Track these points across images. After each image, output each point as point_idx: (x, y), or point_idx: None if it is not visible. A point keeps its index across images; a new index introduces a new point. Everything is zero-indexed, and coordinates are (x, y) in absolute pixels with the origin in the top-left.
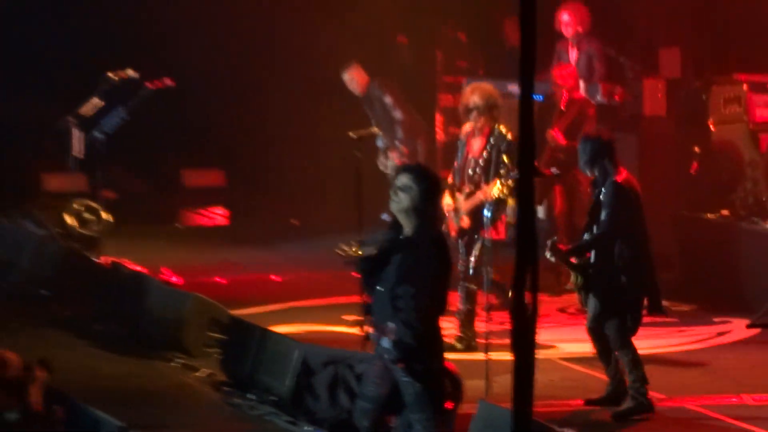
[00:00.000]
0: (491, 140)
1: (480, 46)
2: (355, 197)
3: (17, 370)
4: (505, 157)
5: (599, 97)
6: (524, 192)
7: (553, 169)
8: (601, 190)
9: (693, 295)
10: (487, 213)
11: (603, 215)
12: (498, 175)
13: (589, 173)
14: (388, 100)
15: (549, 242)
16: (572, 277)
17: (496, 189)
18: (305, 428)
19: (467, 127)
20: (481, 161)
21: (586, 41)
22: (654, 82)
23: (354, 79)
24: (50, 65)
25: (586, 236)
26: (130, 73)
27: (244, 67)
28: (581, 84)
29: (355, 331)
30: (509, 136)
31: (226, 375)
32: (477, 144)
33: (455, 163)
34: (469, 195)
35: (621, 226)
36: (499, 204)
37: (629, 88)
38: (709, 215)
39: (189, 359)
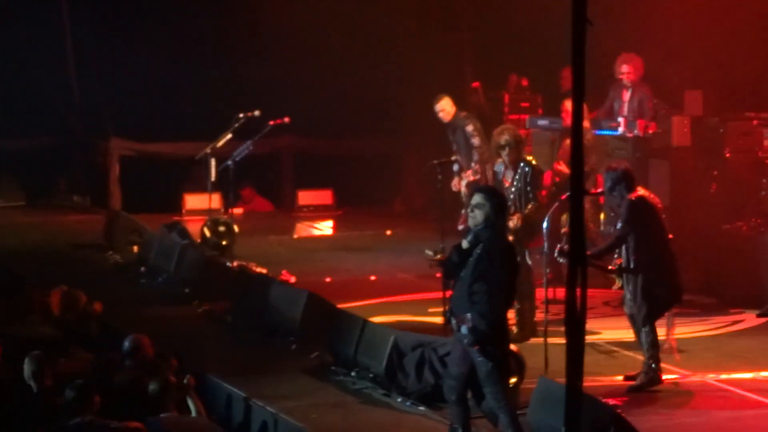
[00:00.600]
0: (518, 171)
1: (540, 90)
2: (438, 212)
3: (149, 349)
4: (530, 185)
5: (636, 131)
6: (574, 206)
7: (600, 190)
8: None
9: (713, 291)
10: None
11: (618, 226)
12: (521, 206)
13: (612, 196)
14: (469, 128)
15: (558, 246)
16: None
17: (513, 221)
18: (397, 399)
19: (499, 163)
20: (513, 190)
21: (640, 86)
22: (680, 118)
23: (444, 109)
24: (192, 106)
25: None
26: (257, 113)
27: (351, 105)
28: (622, 121)
29: (437, 320)
30: (533, 163)
31: (333, 357)
32: (510, 176)
33: None
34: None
35: (630, 232)
36: (527, 225)
37: (661, 123)
38: (726, 227)
39: (303, 344)
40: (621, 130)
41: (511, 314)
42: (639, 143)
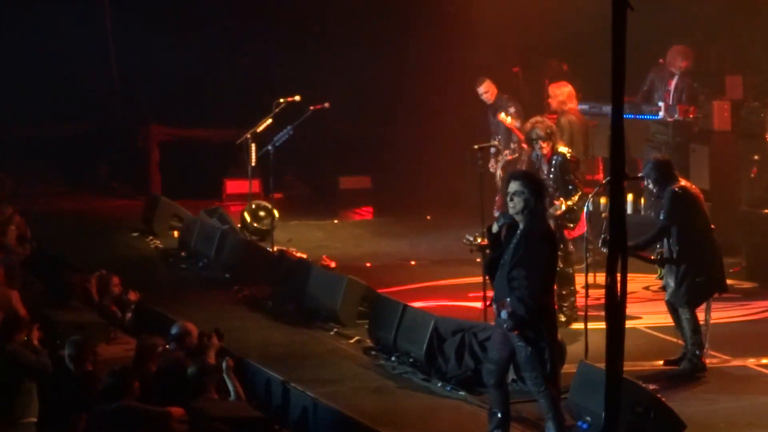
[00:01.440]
0: (553, 162)
1: (580, 74)
2: (478, 197)
3: (195, 338)
4: (567, 174)
5: (677, 116)
6: (615, 192)
7: (639, 174)
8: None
9: (754, 276)
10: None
11: (661, 216)
12: (563, 193)
13: (655, 188)
14: (512, 110)
15: (602, 237)
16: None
17: (558, 208)
18: (437, 384)
19: (536, 154)
20: (550, 181)
21: (687, 75)
22: (721, 103)
23: (488, 90)
24: (232, 92)
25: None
26: (297, 98)
27: (388, 92)
28: (663, 105)
29: (478, 305)
30: (567, 154)
31: (373, 341)
32: (545, 167)
33: None
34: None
35: (673, 224)
36: (570, 213)
37: (702, 108)
38: (766, 211)
39: (343, 329)
40: (662, 114)
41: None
42: (679, 128)
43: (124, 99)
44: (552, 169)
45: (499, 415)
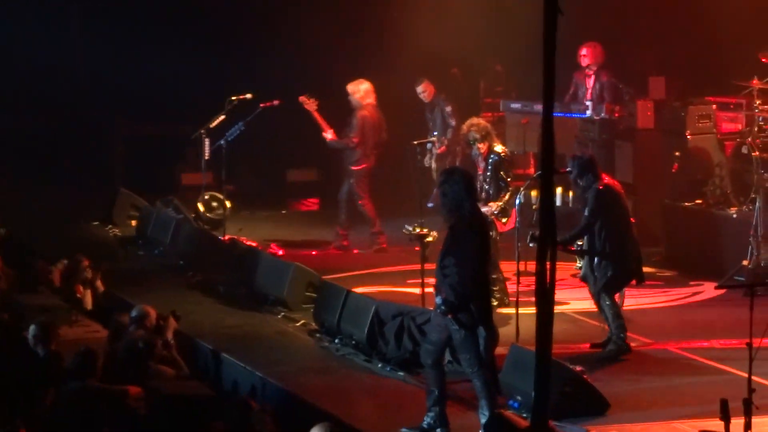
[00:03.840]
0: (489, 161)
1: (514, 75)
2: (416, 189)
3: (154, 320)
4: (501, 174)
5: (603, 114)
6: (545, 185)
7: (568, 169)
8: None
9: (674, 264)
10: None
11: (585, 212)
12: (496, 190)
13: (577, 184)
14: (448, 109)
15: (530, 233)
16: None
17: (494, 210)
18: (378, 365)
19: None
20: (486, 180)
21: (601, 73)
22: (645, 102)
23: (426, 90)
24: (189, 89)
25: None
26: (248, 96)
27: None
28: (590, 104)
29: (416, 291)
30: (502, 153)
31: (318, 324)
32: (482, 165)
33: None
34: (483, 202)
35: (597, 220)
36: (502, 210)
37: (626, 107)
38: (686, 204)
39: (290, 313)
40: (589, 112)
41: None
42: (605, 125)
43: (91, 94)
44: (489, 167)
45: (437, 392)
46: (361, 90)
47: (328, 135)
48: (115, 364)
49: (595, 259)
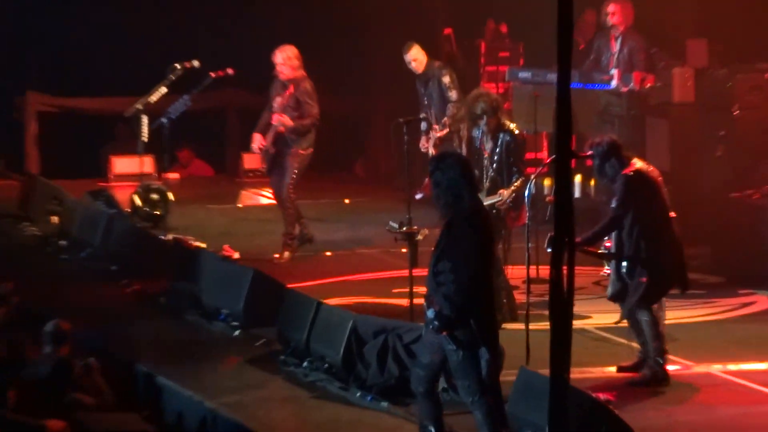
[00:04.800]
0: (498, 141)
1: (521, 37)
2: (404, 178)
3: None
4: (513, 156)
5: (632, 85)
6: (561, 173)
7: (589, 152)
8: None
9: (721, 269)
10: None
11: (612, 204)
12: (503, 181)
13: (603, 174)
14: (446, 80)
15: (549, 236)
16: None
17: (509, 197)
18: (356, 394)
19: (477, 128)
20: (494, 162)
21: (630, 35)
22: (682, 70)
23: (417, 58)
24: (121, 56)
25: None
26: (195, 63)
27: (302, 57)
28: (616, 73)
29: (403, 302)
30: (514, 132)
31: (282, 344)
32: (489, 145)
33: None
34: (489, 192)
35: (627, 213)
36: (516, 200)
37: (659, 76)
38: (734, 194)
39: (248, 329)
40: (614, 83)
41: None
42: (635, 99)
43: None
44: (497, 149)
45: (432, 429)
46: (294, 57)
47: (284, 118)
48: (30, 392)
49: (625, 264)
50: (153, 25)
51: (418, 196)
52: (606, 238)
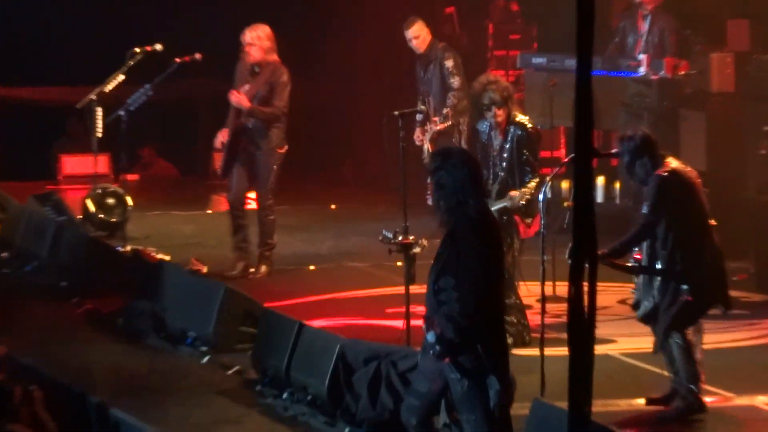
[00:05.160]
0: (509, 136)
1: (535, 18)
2: (399, 179)
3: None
4: (526, 153)
5: (663, 72)
6: (581, 174)
7: (613, 150)
8: None
9: (765, 286)
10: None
11: (643, 209)
12: (514, 182)
13: (633, 174)
14: (449, 64)
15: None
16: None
17: (523, 198)
18: (344, 430)
19: (483, 120)
20: (504, 161)
21: (660, 15)
22: (721, 56)
23: (419, 35)
24: (72, 39)
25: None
26: (158, 47)
27: (280, 40)
28: (645, 59)
29: (398, 324)
30: (527, 126)
31: (258, 372)
32: (498, 141)
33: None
34: (498, 196)
35: (660, 220)
36: (528, 204)
37: (695, 62)
38: None
39: (219, 355)
40: (643, 70)
41: None
42: (667, 88)
43: None
44: (507, 145)
45: None
46: (266, 37)
47: (242, 98)
48: None
49: (658, 279)
50: (109, 3)
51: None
52: (635, 248)
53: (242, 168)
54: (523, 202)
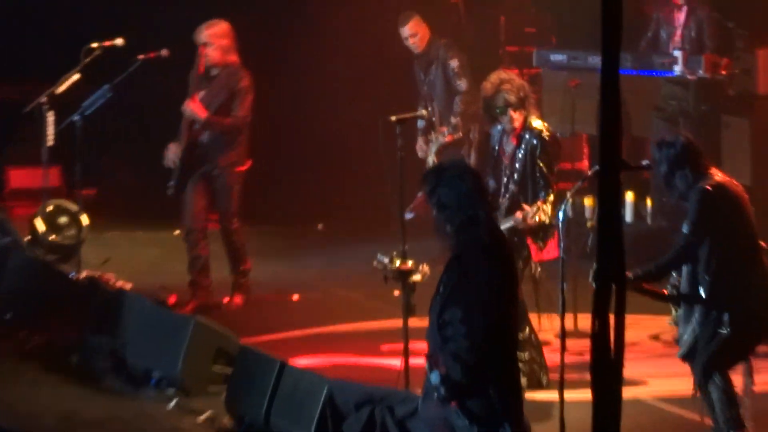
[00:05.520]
0: (523, 144)
1: (552, 7)
2: (396, 195)
3: None
4: (540, 164)
5: (702, 71)
6: (607, 190)
7: (645, 162)
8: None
9: None
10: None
11: (683, 228)
12: (536, 191)
13: (671, 187)
14: (454, 63)
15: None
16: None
17: (537, 215)
18: None
19: (497, 128)
20: (515, 172)
21: (699, 5)
22: None
23: (416, 32)
24: (20, 32)
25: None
26: (118, 41)
27: (257, 35)
28: (681, 56)
29: (396, 363)
30: (543, 133)
31: (233, 419)
32: (510, 148)
33: (488, 171)
34: (508, 211)
35: (703, 240)
36: (541, 224)
37: (738, 59)
38: None
39: (188, 399)
40: (679, 69)
41: None
42: (706, 90)
43: None
44: (520, 153)
45: None
46: (224, 35)
47: (197, 108)
48: None
49: (700, 308)
50: None
51: (408, 216)
52: (673, 273)
53: (197, 188)
54: (536, 221)
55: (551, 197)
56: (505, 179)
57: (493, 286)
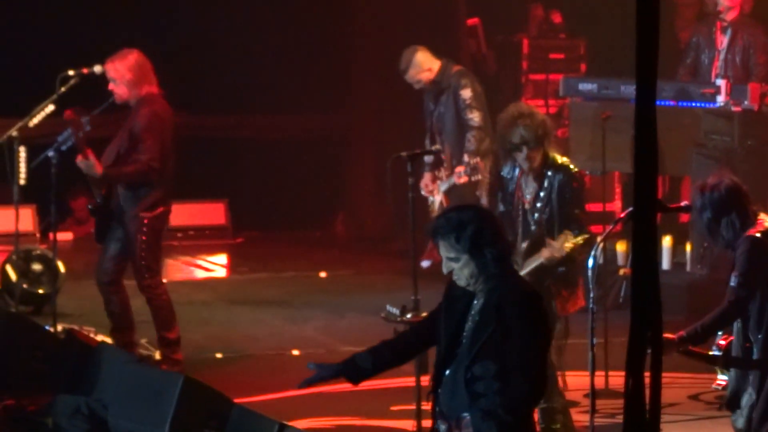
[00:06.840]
0: (545, 183)
1: (583, 32)
2: (407, 237)
3: None
4: (572, 203)
5: (747, 103)
6: (642, 234)
7: (684, 203)
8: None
9: None
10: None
11: (731, 282)
12: (567, 227)
13: (716, 235)
14: (466, 94)
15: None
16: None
17: (565, 243)
18: None
19: (509, 165)
20: (537, 212)
21: (745, 26)
22: None
23: (423, 67)
24: None
25: None
26: (97, 69)
27: (249, 66)
28: (724, 84)
29: (408, 426)
30: (570, 168)
31: None
32: (530, 189)
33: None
34: (528, 253)
35: (753, 294)
36: (570, 264)
37: None
38: None
39: None
40: (722, 99)
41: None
42: (752, 123)
43: None
44: (543, 193)
45: None
46: (127, 68)
47: (90, 162)
48: None
49: (755, 372)
50: (37, 18)
51: (425, 264)
52: (720, 333)
53: (111, 237)
54: (564, 252)
55: (584, 237)
56: (522, 224)
57: (540, 340)
